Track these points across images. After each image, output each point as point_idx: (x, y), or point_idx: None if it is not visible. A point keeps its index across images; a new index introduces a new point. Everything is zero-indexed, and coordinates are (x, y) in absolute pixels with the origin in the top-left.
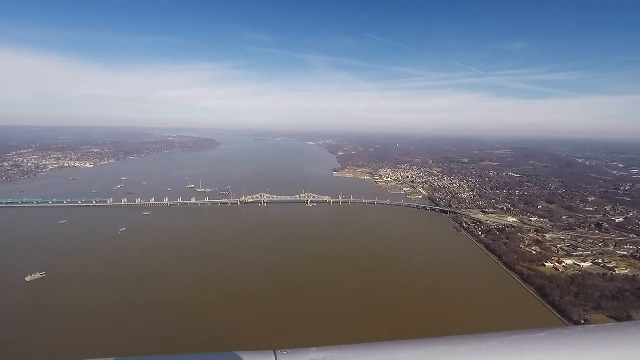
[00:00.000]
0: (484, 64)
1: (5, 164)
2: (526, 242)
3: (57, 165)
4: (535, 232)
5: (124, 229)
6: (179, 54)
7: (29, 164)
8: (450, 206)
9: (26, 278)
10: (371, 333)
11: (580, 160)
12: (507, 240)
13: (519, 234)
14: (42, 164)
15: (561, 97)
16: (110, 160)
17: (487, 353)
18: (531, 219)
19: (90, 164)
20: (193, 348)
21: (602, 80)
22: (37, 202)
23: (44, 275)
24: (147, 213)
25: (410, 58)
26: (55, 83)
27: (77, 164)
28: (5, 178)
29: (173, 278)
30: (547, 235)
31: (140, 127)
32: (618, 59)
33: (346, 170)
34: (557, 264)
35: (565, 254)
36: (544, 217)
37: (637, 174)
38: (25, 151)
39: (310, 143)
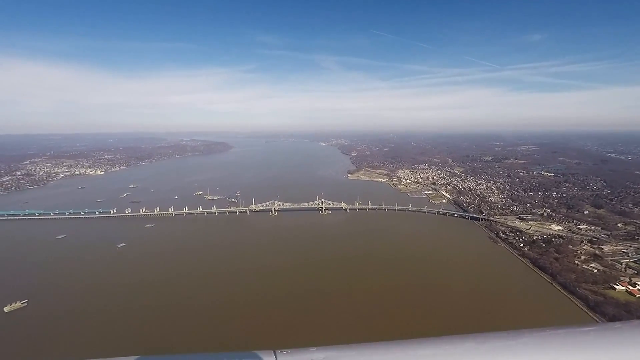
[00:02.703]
0: (499, 58)
1: (18, 173)
2: (582, 257)
3: (68, 173)
4: (589, 244)
5: (123, 244)
6: (192, 60)
7: (41, 173)
8: (481, 212)
9: (5, 308)
10: None
11: (613, 155)
12: (558, 255)
13: (570, 246)
14: (54, 172)
15: (582, 89)
16: (121, 167)
17: (487, 353)
18: (580, 227)
19: (101, 171)
20: None
21: (625, 70)
22: (40, 214)
23: (26, 304)
24: (150, 225)
25: (422, 55)
26: (74, 92)
27: (88, 171)
28: (15, 188)
29: (169, 309)
30: (605, 248)
31: (155, 133)
32: None
33: (361, 172)
34: (630, 287)
35: (636, 274)
36: (595, 225)
37: None
38: (39, 159)
39: (322, 144)
